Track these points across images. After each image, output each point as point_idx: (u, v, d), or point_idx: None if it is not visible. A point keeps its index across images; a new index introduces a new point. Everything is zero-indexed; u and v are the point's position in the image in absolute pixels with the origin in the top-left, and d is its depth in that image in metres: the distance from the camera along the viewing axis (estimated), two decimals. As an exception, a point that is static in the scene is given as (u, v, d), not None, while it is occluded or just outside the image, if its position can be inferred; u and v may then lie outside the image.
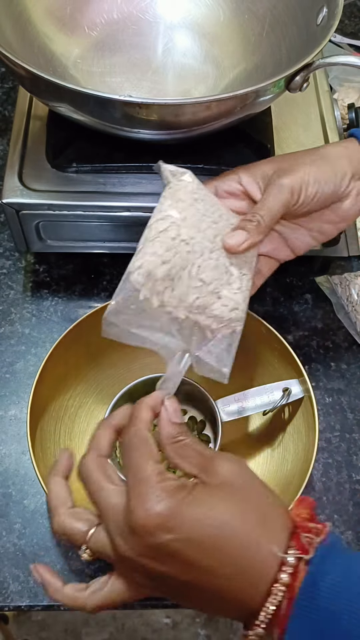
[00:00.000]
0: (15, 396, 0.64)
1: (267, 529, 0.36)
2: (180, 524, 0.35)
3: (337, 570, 0.34)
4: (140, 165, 0.63)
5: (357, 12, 0.98)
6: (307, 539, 0.35)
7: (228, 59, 0.69)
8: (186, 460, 0.39)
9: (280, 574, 0.34)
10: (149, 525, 0.35)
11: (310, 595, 0.33)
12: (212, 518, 0.35)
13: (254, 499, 0.38)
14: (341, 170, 0.51)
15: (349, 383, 0.66)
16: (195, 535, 0.35)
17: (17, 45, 0.62)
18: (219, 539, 0.35)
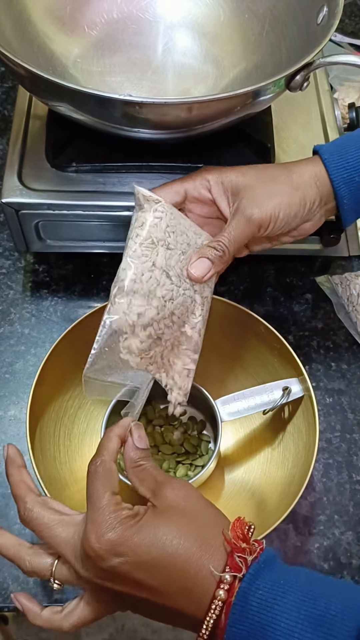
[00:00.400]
0: (15, 396, 0.64)
1: (206, 549, 0.39)
2: (128, 549, 0.39)
3: (267, 586, 0.38)
4: (140, 165, 0.63)
5: (357, 11, 0.98)
6: (240, 558, 0.39)
7: (228, 59, 0.69)
8: (143, 483, 0.44)
9: (218, 591, 0.38)
10: (100, 550, 0.39)
11: (241, 609, 0.37)
12: (157, 542, 0.39)
13: (195, 521, 0.41)
14: (310, 200, 0.53)
15: (350, 383, 0.66)
16: (142, 558, 0.39)
17: (17, 44, 0.62)
18: (163, 560, 0.39)
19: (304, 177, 0.53)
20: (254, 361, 0.60)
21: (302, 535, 0.58)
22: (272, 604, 0.37)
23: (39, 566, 0.44)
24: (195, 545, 0.39)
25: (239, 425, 0.61)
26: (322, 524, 0.58)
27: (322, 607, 0.36)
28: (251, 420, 0.61)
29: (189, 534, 0.40)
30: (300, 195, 0.53)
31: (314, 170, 0.54)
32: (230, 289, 0.71)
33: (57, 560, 0.43)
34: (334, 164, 0.53)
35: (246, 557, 0.39)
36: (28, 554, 0.44)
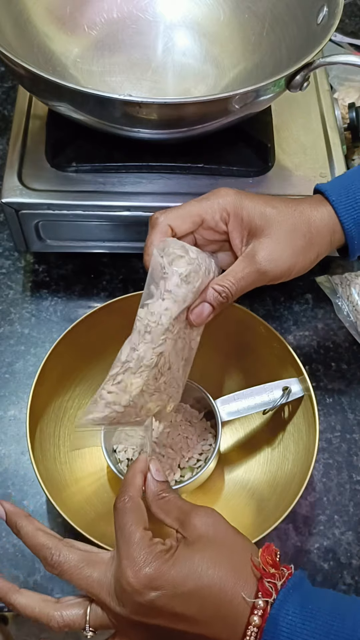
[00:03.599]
0: (15, 396, 0.64)
1: (238, 577, 0.40)
2: (165, 582, 0.40)
3: (296, 610, 0.39)
4: (140, 165, 0.63)
5: (357, 11, 0.98)
6: (270, 584, 0.40)
7: (228, 59, 0.69)
8: (169, 515, 0.44)
9: (252, 617, 0.39)
10: (138, 584, 0.39)
11: (272, 635, 0.38)
12: (192, 573, 0.40)
13: (226, 550, 0.42)
14: (322, 254, 0.52)
15: (350, 383, 0.66)
16: (179, 590, 0.40)
17: (17, 44, 0.62)
18: (199, 590, 0.40)
19: (322, 231, 0.51)
20: (254, 361, 0.60)
21: (302, 535, 0.58)
22: (301, 629, 0.38)
23: (73, 618, 0.43)
24: (228, 573, 0.40)
25: (239, 425, 0.61)
26: (322, 524, 0.58)
27: (349, 630, 0.38)
28: (251, 420, 0.61)
29: (221, 563, 0.40)
30: (315, 252, 0.51)
31: (331, 224, 0.52)
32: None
33: (90, 605, 0.43)
34: (343, 208, 0.52)
35: (276, 583, 0.40)
36: (57, 609, 0.43)
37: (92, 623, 0.43)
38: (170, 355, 0.48)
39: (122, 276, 0.71)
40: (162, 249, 0.48)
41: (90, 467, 0.58)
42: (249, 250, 0.50)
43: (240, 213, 0.50)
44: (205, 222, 0.50)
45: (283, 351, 0.57)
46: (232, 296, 0.50)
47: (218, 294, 0.49)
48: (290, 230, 0.50)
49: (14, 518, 0.45)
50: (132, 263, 0.72)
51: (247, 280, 0.50)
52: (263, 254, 0.49)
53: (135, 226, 0.64)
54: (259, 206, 0.50)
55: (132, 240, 0.66)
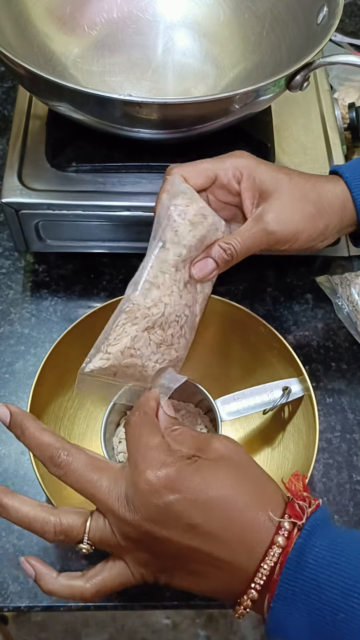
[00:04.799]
0: (15, 396, 0.64)
1: (264, 496, 0.38)
2: (186, 486, 0.37)
3: (323, 544, 0.36)
4: (140, 165, 0.63)
5: (357, 11, 0.98)
6: (301, 507, 0.37)
7: (228, 58, 0.69)
8: (184, 444, 0.41)
9: (277, 537, 0.36)
10: (157, 483, 0.37)
11: (296, 565, 0.36)
12: (215, 483, 0.37)
13: (251, 472, 0.40)
14: (330, 228, 0.52)
15: (350, 383, 0.66)
16: (200, 497, 0.37)
17: (17, 44, 0.62)
18: (222, 502, 0.37)
19: (333, 203, 0.52)
20: (254, 361, 0.60)
21: (302, 535, 0.58)
22: (329, 563, 0.35)
23: (71, 524, 0.39)
24: (254, 492, 0.38)
25: (239, 425, 0.61)
26: (322, 524, 0.58)
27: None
28: (251, 420, 0.61)
29: (247, 481, 0.38)
30: (324, 222, 0.52)
31: (343, 198, 0.52)
32: (230, 289, 0.71)
33: (91, 515, 0.40)
34: (356, 183, 0.53)
35: (305, 508, 0.37)
36: (53, 514, 0.39)
37: (92, 534, 0.39)
38: (177, 305, 0.48)
39: (122, 276, 0.71)
40: (171, 195, 0.49)
41: (90, 467, 0.58)
42: (259, 211, 0.51)
43: (253, 174, 0.51)
44: (219, 179, 0.51)
45: (283, 351, 0.57)
46: (237, 254, 0.50)
47: (223, 250, 0.49)
48: (300, 196, 0.51)
49: (19, 418, 0.41)
50: (132, 263, 0.72)
51: (254, 240, 0.50)
52: (271, 215, 0.50)
53: (135, 226, 0.64)
54: (272, 171, 0.51)
55: (132, 240, 0.66)
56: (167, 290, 0.48)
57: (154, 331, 0.48)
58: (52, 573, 0.40)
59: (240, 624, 1.24)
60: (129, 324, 0.47)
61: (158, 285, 0.48)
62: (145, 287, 0.48)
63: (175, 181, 0.50)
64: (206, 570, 0.38)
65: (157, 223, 0.49)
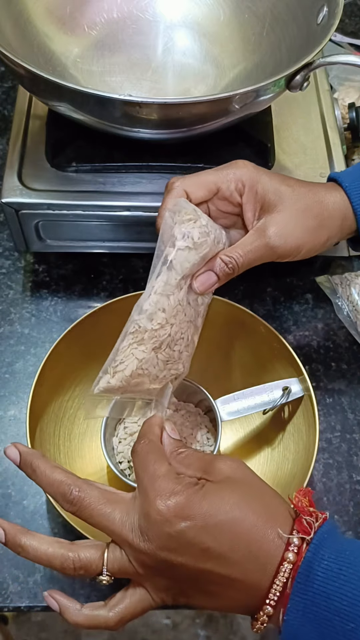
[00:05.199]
0: (15, 396, 0.64)
1: (272, 513, 0.39)
2: (195, 513, 0.38)
3: (331, 556, 0.37)
4: (140, 165, 0.63)
5: (357, 11, 0.98)
6: (309, 522, 0.38)
7: (228, 58, 0.69)
8: (190, 467, 0.42)
9: (287, 553, 0.37)
10: (168, 513, 0.38)
11: (306, 578, 0.37)
12: (223, 507, 0.38)
13: (256, 490, 0.41)
14: (331, 238, 0.53)
15: (350, 383, 0.66)
16: (210, 522, 0.38)
17: (17, 44, 0.62)
18: (231, 524, 0.38)
19: (334, 214, 0.52)
20: (254, 361, 0.60)
21: (302, 535, 0.58)
22: (337, 574, 0.36)
23: (90, 559, 0.40)
24: (261, 510, 0.39)
25: (239, 425, 0.61)
26: (322, 524, 0.58)
27: None
28: (251, 420, 0.61)
29: (253, 500, 0.39)
30: (326, 234, 0.52)
31: (343, 208, 0.53)
32: (230, 289, 0.71)
33: (107, 547, 0.40)
34: (355, 192, 0.53)
35: (312, 523, 0.38)
36: (72, 550, 0.40)
37: (110, 566, 0.40)
38: (182, 323, 0.49)
39: (122, 276, 0.71)
40: (174, 213, 0.48)
41: (90, 468, 0.58)
42: (260, 224, 0.51)
43: (255, 186, 0.51)
44: (221, 192, 0.51)
45: (283, 351, 0.57)
46: (238, 268, 0.50)
47: (225, 264, 0.50)
48: (302, 210, 0.51)
49: (29, 458, 0.42)
50: (132, 263, 0.72)
51: (256, 254, 0.50)
52: (274, 229, 0.50)
53: (135, 226, 0.64)
54: (274, 182, 0.51)
55: (132, 240, 0.66)
56: (173, 312, 0.48)
57: (161, 350, 0.48)
58: (76, 605, 0.41)
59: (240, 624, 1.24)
60: (135, 344, 0.48)
61: (163, 308, 0.48)
62: (151, 310, 0.48)
63: (179, 201, 0.49)
64: (222, 590, 0.39)
65: (160, 241, 0.49)
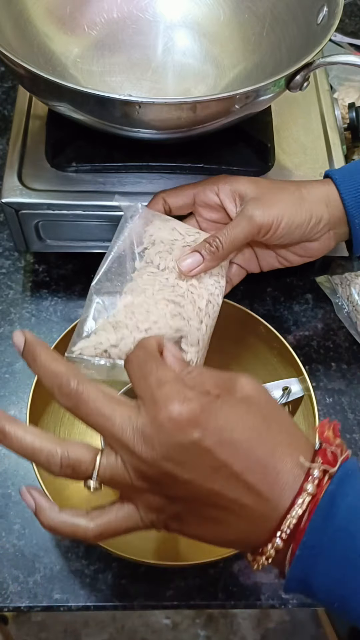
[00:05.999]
0: (15, 396, 0.64)
1: (293, 440, 0.36)
2: (212, 423, 0.34)
3: (355, 493, 0.34)
4: (140, 165, 0.63)
5: (357, 11, 0.98)
6: (333, 453, 0.35)
7: (228, 59, 0.69)
8: (205, 384, 0.37)
9: (306, 484, 0.34)
10: (181, 419, 0.33)
11: (328, 512, 0.33)
12: (242, 423, 0.34)
13: (279, 415, 0.37)
14: (315, 218, 0.53)
15: (350, 383, 0.66)
16: (226, 436, 0.34)
17: (17, 44, 0.62)
18: (249, 444, 0.34)
19: (313, 193, 0.54)
20: (254, 361, 0.60)
21: (302, 535, 0.58)
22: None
23: (80, 457, 0.35)
24: (283, 435, 0.35)
25: (239, 425, 0.61)
26: (322, 524, 0.58)
27: None
28: (251, 420, 0.61)
29: (275, 424, 0.35)
30: (307, 207, 0.53)
31: (325, 191, 0.54)
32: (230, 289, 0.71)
33: (102, 451, 0.36)
34: (345, 186, 0.54)
35: (337, 455, 0.35)
36: (61, 446, 0.35)
37: (102, 471, 0.35)
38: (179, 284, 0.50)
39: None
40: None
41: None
42: (240, 208, 0.53)
43: (228, 184, 0.54)
44: (197, 197, 0.55)
45: (283, 351, 0.57)
46: (221, 245, 0.51)
47: (208, 243, 0.51)
48: (277, 189, 0.54)
49: (33, 347, 0.38)
50: (132, 263, 0.72)
51: (236, 228, 0.52)
52: (251, 205, 0.52)
53: (135, 226, 0.64)
54: (250, 179, 0.55)
55: (132, 240, 0.66)
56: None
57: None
58: (54, 507, 0.37)
59: (240, 624, 1.24)
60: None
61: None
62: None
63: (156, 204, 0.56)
64: (225, 516, 0.35)
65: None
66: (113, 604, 0.53)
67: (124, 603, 0.53)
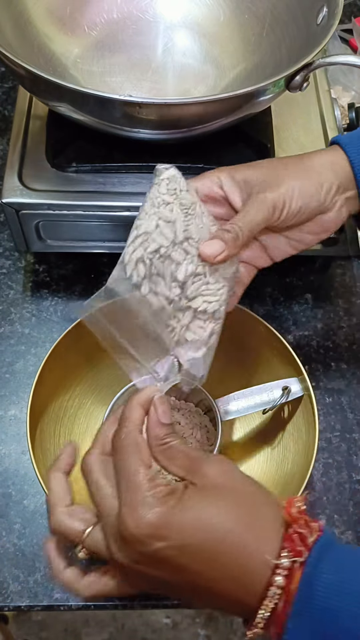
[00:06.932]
0: (15, 396, 0.64)
1: (259, 533, 0.36)
2: (172, 532, 0.36)
3: (331, 568, 0.34)
4: (140, 165, 0.63)
5: (357, 11, 0.98)
6: (301, 537, 0.35)
7: (228, 59, 0.69)
8: (173, 462, 0.40)
9: (275, 577, 0.35)
10: (140, 534, 0.36)
11: (306, 595, 0.34)
12: (203, 524, 0.36)
13: (245, 500, 0.38)
14: (327, 183, 0.50)
15: (349, 383, 0.66)
16: (187, 542, 0.35)
17: (17, 44, 0.62)
18: (210, 543, 0.36)
19: (316, 160, 0.51)
20: (254, 361, 0.60)
21: (301, 534, 0.58)
22: (340, 587, 0.34)
23: (68, 528, 0.40)
24: (247, 527, 0.36)
25: (239, 425, 0.61)
26: (321, 524, 0.58)
27: None
28: (251, 420, 0.61)
29: (239, 515, 0.36)
30: (315, 175, 0.50)
31: (330, 157, 0.51)
32: (230, 289, 0.71)
33: (93, 527, 0.40)
34: (353, 148, 0.51)
35: (307, 537, 0.35)
36: (62, 512, 0.41)
37: (88, 543, 0.40)
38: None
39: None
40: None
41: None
42: (247, 195, 0.50)
43: (231, 174, 0.50)
44: (199, 190, 0.50)
45: (283, 351, 0.57)
46: (240, 230, 0.47)
47: (227, 230, 0.47)
48: (281, 166, 0.51)
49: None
50: (132, 263, 0.72)
51: (251, 211, 0.48)
52: (257, 187, 0.49)
53: (135, 226, 0.64)
54: (250, 164, 0.52)
55: (132, 241, 0.66)
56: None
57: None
58: (61, 564, 0.41)
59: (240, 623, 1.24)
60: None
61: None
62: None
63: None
64: (205, 597, 0.37)
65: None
66: (113, 603, 0.53)
67: (124, 602, 0.53)
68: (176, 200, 0.47)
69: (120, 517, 0.37)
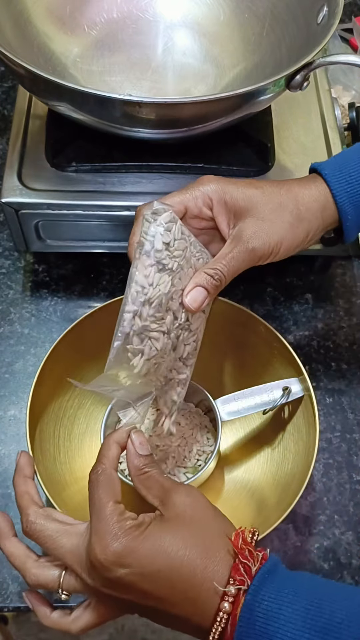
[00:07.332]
0: (15, 396, 0.64)
1: (211, 560, 0.40)
2: (133, 560, 0.39)
3: (271, 596, 0.38)
4: (140, 165, 0.63)
5: (357, 11, 0.98)
6: (245, 567, 0.39)
7: (228, 58, 0.69)
8: (150, 491, 0.44)
9: (223, 603, 0.39)
10: (106, 561, 0.39)
11: (247, 621, 0.38)
12: (162, 553, 0.40)
13: (201, 531, 0.41)
14: (313, 231, 0.51)
15: (350, 383, 0.66)
16: (147, 569, 0.39)
17: (17, 44, 0.62)
18: (168, 571, 0.39)
19: (311, 208, 0.51)
20: (254, 361, 0.60)
21: (302, 535, 0.58)
22: (277, 614, 0.37)
23: (46, 579, 0.44)
24: (200, 556, 0.40)
25: (239, 425, 0.61)
26: (322, 524, 0.58)
27: (327, 615, 0.37)
28: (251, 420, 0.61)
29: (194, 545, 0.40)
30: (304, 227, 0.51)
31: (320, 198, 0.51)
32: (230, 289, 0.70)
33: (65, 571, 0.44)
34: (336, 180, 0.51)
35: (251, 567, 0.39)
36: (34, 567, 0.44)
37: (65, 587, 0.43)
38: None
39: (122, 276, 0.71)
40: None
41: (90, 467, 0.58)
42: (236, 231, 0.50)
43: (223, 197, 0.50)
44: (189, 211, 0.50)
45: (283, 351, 0.57)
46: (224, 278, 0.49)
47: (210, 277, 0.48)
48: (275, 208, 0.50)
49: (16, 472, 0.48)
50: (132, 263, 0.72)
51: (238, 260, 0.49)
52: (249, 232, 0.49)
53: (135, 226, 0.64)
54: (242, 188, 0.50)
55: (132, 240, 0.66)
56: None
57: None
58: (47, 611, 0.46)
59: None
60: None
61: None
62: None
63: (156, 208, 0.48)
64: (168, 619, 0.41)
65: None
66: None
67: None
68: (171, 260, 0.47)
69: (89, 545, 0.41)
